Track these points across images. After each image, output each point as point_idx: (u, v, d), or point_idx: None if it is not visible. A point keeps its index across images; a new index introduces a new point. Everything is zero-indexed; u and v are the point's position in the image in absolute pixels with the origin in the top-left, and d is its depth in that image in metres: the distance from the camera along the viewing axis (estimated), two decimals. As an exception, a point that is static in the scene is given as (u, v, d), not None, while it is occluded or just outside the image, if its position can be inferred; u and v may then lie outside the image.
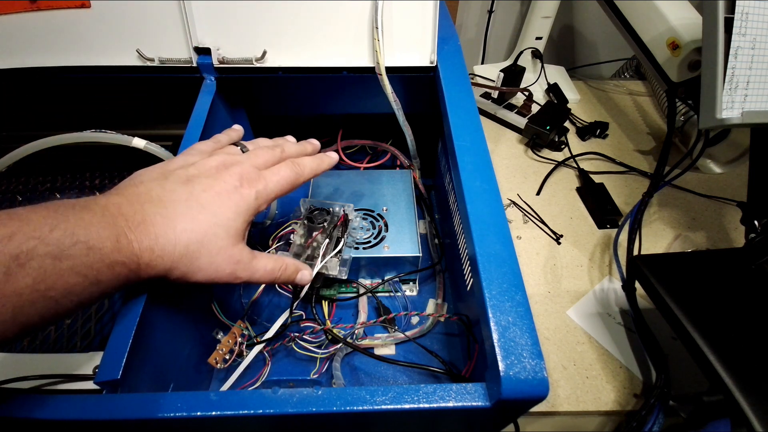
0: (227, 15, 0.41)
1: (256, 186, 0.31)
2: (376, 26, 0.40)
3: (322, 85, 0.49)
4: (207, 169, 0.31)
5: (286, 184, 0.33)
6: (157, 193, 0.28)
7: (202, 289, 0.40)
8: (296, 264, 0.35)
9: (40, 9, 0.41)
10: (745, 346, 0.35)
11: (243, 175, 0.31)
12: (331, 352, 0.41)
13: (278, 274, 0.33)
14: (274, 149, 0.35)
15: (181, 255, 0.27)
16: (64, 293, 0.22)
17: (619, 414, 0.42)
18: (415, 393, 0.26)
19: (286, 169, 0.33)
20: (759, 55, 0.37)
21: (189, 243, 0.27)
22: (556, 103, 0.75)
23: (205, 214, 0.28)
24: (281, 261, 0.33)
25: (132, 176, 0.30)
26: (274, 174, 0.32)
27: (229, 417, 0.25)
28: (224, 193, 0.29)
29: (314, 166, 0.35)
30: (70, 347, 0.42)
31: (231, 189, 0.30)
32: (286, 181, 0.33)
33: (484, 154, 0.36)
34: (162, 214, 0.27)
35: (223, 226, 0.29)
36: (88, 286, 0.23)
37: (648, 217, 0.60)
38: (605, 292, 0.52)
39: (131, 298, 0.30)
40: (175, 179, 0.29)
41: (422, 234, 0.53)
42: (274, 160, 0.34)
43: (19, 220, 0.21)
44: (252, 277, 0.31)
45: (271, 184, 0.32)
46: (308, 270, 0.35)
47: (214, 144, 0.35)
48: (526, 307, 0.27)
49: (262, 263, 0.32)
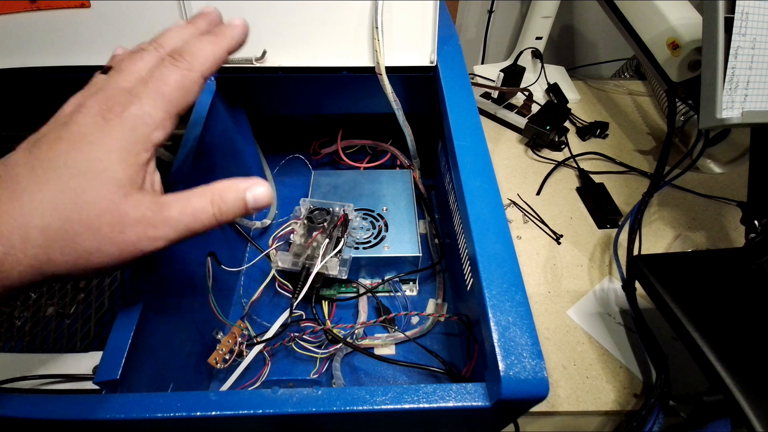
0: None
1: (127, 110, 0.22)
2: (376, 26, 0.40)
3: (322, 85, 0.49)
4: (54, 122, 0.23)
5: (173, 90, 0.23)
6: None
7: (199, 285, 0.40)
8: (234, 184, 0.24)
9: (40, 9, 0.40)
10: (745, 346, 0.35)
11: (102, 106, 0.22)
12: (331, 352, 0.41)
13: (212, 209, 0.23)
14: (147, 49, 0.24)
15: (44, 244, 0.20)
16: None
17: (619, 414, 0.42)
18: (415, 393, 0.25)
19: (167, 71, 0.23)
20: (759, 55, 0.37)
21: (46, 224, 0.20)
22: (556, 103, 0.75)
23: (60, 176, 0.20)
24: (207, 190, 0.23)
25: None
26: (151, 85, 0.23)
27: (229, 417, 0.25)
28: (80, 140, 0.21)
29: (209, 50, 0.25)
30: (70, 347, 0.42)
31: (90, 130, 0.21)
32: (172, 87, 0.23)
33: (484, 154, 0.36)
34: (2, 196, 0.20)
35: (94, 181, 0.21)
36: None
37: (648, 217, 0.60)
38: (605, 292, 0.52)
39: (131, 298, 0.30)
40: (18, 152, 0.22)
41: (422, 234, 0.53)
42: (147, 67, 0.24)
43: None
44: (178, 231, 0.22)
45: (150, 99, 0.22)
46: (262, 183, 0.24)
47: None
48: (526, 307, 0.27)
49: (180, 206, 0.23)
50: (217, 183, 0.24)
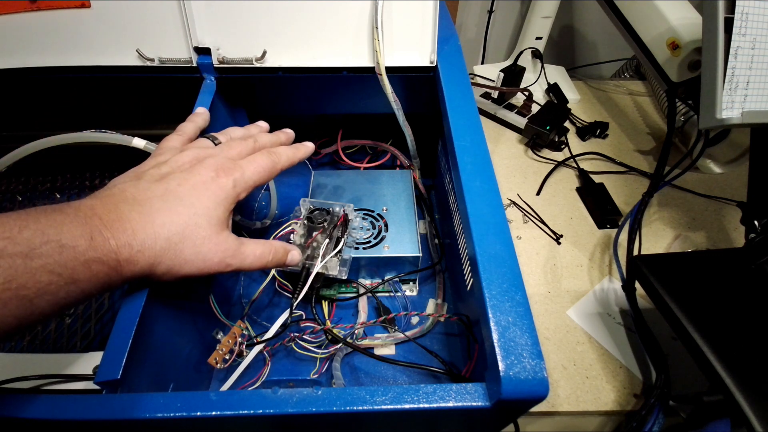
0: (227, 15, 0.41)
1: (233, 174, 0.31)
2: (376, 26, 0.40)
3: (322, 85, 0.49)
4: (180, 165, 0.31)
5: (263, 171, 0.33)
6: (132, 192, 0.28)
7: (199, 285, 0.40)
8: (284, 246, 0.34)
9: (40, 9, 0.41)
10: (745, 346, 0.35)
11: (218, 166, 0.31)
12: (331, 352, 0.41)
13: (269, 258, 0.33)
14: (247, 140, 0.35)
15: (164, 249, 0.27)
16: (38, 292, 0.22)
17: (619, 414, 0.42)
18: (415, 393, 0.26)
19: (262, 157, 0.33)
20: (759, 55, 0.37)
21: (170, 236, 0.27)
22: (556, 103, 0.76)
23: (184, 206, 0.28)
24: (269, 244, 0.33)
25: (107, 184, 0.30)
26: (251, 163, 0.32)
27: (229, 417, 0.25)
28: (200, 185, 0.29)
29: (290, 154, 0.35)
30: (70, 347, 0.42)
31: (207, 180, 0.30)
32: (263, 169, 0.33)
33: (484, 154, 0.36)
34: (138, 210, 0.27)
35: (204, 215, 0.29)
36: (64, 285, 0.23)
37: (648, 217, 0.60)
38: (605, 292, 0.52)
39: (131, 298, 0.30)
40: (148, 179, 0.29)
41: (422, 234, 0.53)
42: (248, 151, 0.34)
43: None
44: (243, 264, 0.31)
45: (248, 172, 0.32)
46: (297, 250, 0.35)
47: (181, 137, 0.35)
48: (526, 307, 0.27)
49: (251, 248, 0.31)
50: (275, 242, 0.34)
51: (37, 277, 0.22)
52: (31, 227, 0.22)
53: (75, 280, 0.23)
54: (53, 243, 0.23)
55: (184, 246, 0.28)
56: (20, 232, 0.22)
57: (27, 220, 0.23)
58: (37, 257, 0.22)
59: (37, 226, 0.23)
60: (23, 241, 0.22)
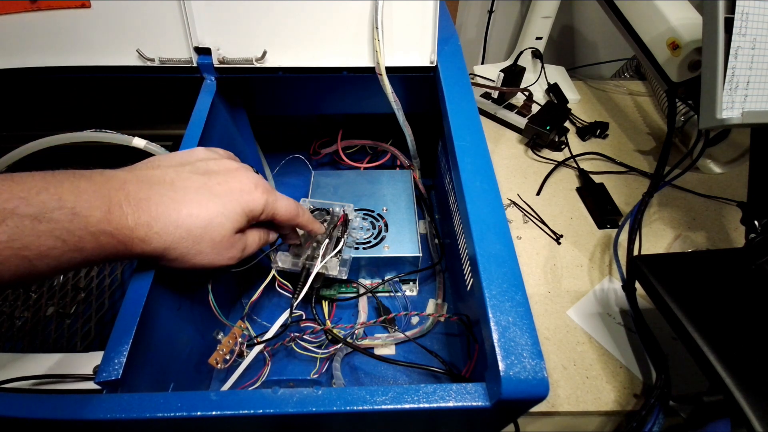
0: (227, 15, 0.41)
1: (269, 195, 0.33)
2: (376, 26, 0.40)
3: (322, 85, 0.49)
4: (227, 168, 0.32)
5: (289, 212, 0.35)
6: (171, 177, 0.29)
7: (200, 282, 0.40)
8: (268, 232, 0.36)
9: (40, 9, 0.41)
10: (745, 346, 0.35)
11: (260, 183, 0.32)
12: (331, 352, 0.41)
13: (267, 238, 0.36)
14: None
15: (182, 237, 0.28)
16: (39, 255, 0.22)
17: (619, 414, 0.42)
18: (415, 393, 0.26)
19: (294, 202, 0.36)
20: (759, 55, 0.37)
21: (192, 228, 0.28)
22: (556, 103, 0.76)
23: (215, 204, 0.29)
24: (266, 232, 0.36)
25: (151, 159, 0.31)
26: (285, 199, 0.35)
27: (229, 417, 0.25)
28: (237, 191, 0.31)
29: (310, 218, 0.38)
30: (70, 347, 0.42)
31: (246, 189, 0.31)
32: (290, 210, 0.35)
33: (484, 154, 0.36)
34: (170, 196, 0.28)
35: (230, 218, 0.30)
36: (68, 252, 0.23)
37: (648, 217, 0.60)
38: (605, 292, 0.52)
39: (132, 298, 0.30)
40: (192, 169, 0.31)
41: (422, 234, 0.53)
42: None
43: (12, 181, 0.22)
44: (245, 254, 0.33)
45: (281, 202, 0.34)
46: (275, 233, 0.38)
47: None
48: (526, 307, 0.27)
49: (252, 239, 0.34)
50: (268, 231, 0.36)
51: (41, 241, 0.22)
52: (50, 191, 0.23)
53: (80, 248, 0.24)
54: (66, 210, 0.23)
55: (202, 240, 0.29)
56: (38, 194, 0.22)
57: (49, 183, 0.23)
58: (46, 221, 0.22)
59: (56, 191, 0.23)
60: (38, 204, 0.22)
